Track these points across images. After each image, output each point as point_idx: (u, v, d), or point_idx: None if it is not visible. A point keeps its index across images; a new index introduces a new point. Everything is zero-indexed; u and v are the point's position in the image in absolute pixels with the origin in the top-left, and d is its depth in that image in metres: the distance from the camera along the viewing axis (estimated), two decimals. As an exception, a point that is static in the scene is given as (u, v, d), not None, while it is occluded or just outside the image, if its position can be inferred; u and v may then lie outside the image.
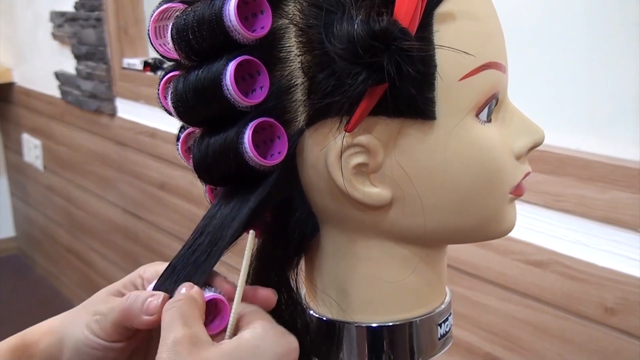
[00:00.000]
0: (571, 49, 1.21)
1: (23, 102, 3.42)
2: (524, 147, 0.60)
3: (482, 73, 0.55)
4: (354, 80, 0.50)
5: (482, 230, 0.60)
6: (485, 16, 0.57)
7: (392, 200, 0.57)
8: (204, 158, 0.57)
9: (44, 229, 3.51)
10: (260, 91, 0.55)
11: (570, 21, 1.21)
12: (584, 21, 1.19)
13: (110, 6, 2.43)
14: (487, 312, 1.34)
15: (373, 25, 0.49)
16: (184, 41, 0.55)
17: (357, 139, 0.54)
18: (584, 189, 1.15)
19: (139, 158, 2.46)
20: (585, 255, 1.18)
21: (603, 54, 1.16)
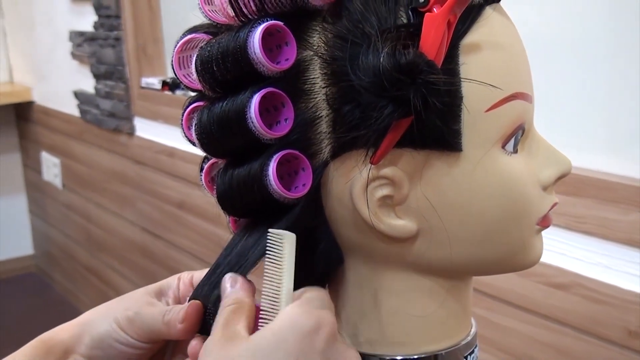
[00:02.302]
0: (592, 68, 1.20)
1: (42, 121, 3.44)
2: (550, 177, 0.59)
3: (509, 104, 0.55)
4: (379, 114, 0.50)
5: (508, 262, 0.60)
6: (511, 46, 0.57)
7: (418, 232, 0.56)
8: (228, 190, 0.56)
9: (63, 247, 3.52)
10: (284, 123, 0.55)
11: (590, 39, 1.20)
12: (604, 39, 1.18)
13: (129, 26, 2.45)
14: (509, 334, 1.33)
15: (399, 58, 0.49)
16: (208, 73, 0.55)
17: (383, 171, 0.54)
18: (606, 210, 1.14)
19: (157, 177, 2.47)
20: (607, 277, 1.17)
21: (624, 73, 1.16)
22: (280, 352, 0.50)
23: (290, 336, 0.51)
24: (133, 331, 0.62)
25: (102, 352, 0.63)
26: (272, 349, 0.51)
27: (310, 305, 0.53)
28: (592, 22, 1.19)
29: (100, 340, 0.62)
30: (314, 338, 0.51)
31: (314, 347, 0.51)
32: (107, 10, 2.54)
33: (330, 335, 0.52)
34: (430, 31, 0.50)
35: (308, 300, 0.54)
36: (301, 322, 0.51)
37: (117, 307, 0.64)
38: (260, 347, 0.51)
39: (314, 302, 0.54)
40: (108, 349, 0.62)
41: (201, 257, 2.29)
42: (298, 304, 0.53)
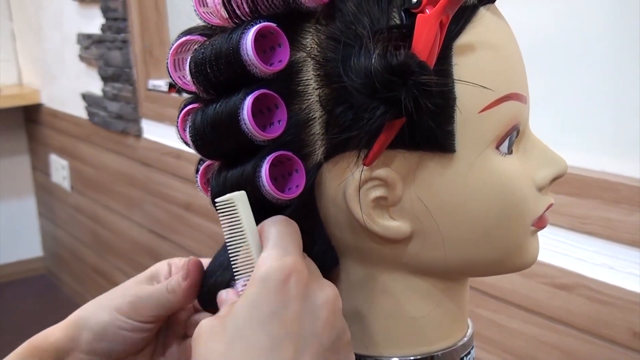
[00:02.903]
0: (596, 68, 1.20)
1: (51, 123, 3.46)
2: (546, 178, 0.59)
3: (503, 105, 0.55)
4: (371, 115, 0.50)
5: (503, 263, 0.59)
6: (505, 47, 0.56)
7: (412, 233, 0.56)
8: (222, 192, 0.56)
9: (71, 248, 3.53)
10: (278, 125, 0.55)
11: (595, 39, 1.20)
12: (609, 39, 1.18)
13: (136, 28, 2.45)
14: (513, 335, 1.32)
15: (390, 59, 0.49)
16: (202, 75, 0.55)
17: (376, 172, 0.54)
18: (610, 211, 1.14)
19: (164, 179, 2.47)
20: (612, 278, 1.17)
21: (629, 73, 1.15)
22: (256, 311, 0.50)
23: (261, 294, 0.51)
24: (137, 314, 0.64)
25: (107, 344, 0.64)
26: (247, 310, 0.50)
27: (275, 254, 0.52)
28: (598, 23, 1.19)
29: (104, 331, 0.64)
30: (286, 288, 0.51)
31: (288, 296, 0.51)
32: (114, 13, 2.54)
33: (300, 279, 0.51)
34: (422, 32, 0.50)
35: (270, 253, 0.53)
36: (269, 276, 0.51)
37: (113, 298, 0.66)
38: (237, 312, 0.51)
39: (276, 252, 0.53)
40: (113, 338, 0.64)
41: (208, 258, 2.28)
42: (264, 258, 0.52)
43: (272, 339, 0.49)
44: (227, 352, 0.49)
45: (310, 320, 0.51)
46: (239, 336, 0.50)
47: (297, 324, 0.50)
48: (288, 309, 0.50)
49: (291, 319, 0.50)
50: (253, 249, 0.55)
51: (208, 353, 0.50)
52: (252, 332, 0.50)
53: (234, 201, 0.54)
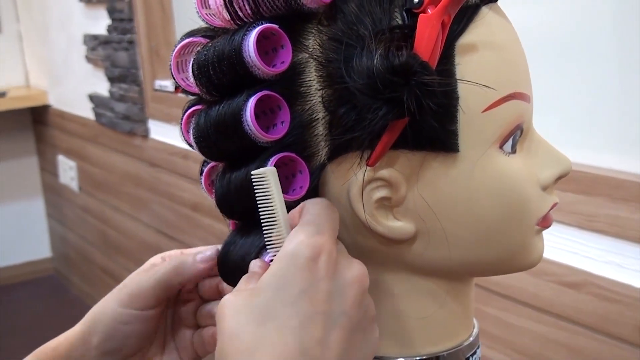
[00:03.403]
0: (603, 66, 1.20)
1: (58, 124, 3.46)
2: (550, 177, 0.59)
3: (506, 104, 0.54)
4: (374, 115, 0.50)
5: (508, 263, 0.59)
6: (508, 46, 0.56)
7: (416, 233, 0.56)
8: (226, 193, 0.56)
9: (80, 249, 3.54)
10: (281, 126, 0.55)
11: (601, 37, 1.19)
12: (615, 37, 1.17)
13: (142, 29, 2.46)
14: (521, 333, 1.32)
15: (392, 59, 0.49)
16: (204, 76, 0.55)
17: (379, 172, 0.54)
18: (618, 209, 1.14)
19: (171, 179, 2.48)
20: (620, 276, 1.16)
21: (635, 71, 1.15)
22: (284, 289, 0.50)
23: (289, 271, 0.50)
24: (138, 301, 0.65)
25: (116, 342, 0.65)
26: (275, 288, 0.50)
27: (306, 232, 0.52)
28: (604, 20, 1.18)
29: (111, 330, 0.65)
30: (315, 266, 0.50)
31: (317, 275, 0.50)
32: (121, 13, 2.55)
33: (329, 257, 0.51)
34: (424, 32, 0.50)
35: (303, 229, 0.52)
36: (298, 253, 0.51)
37: (114, 293, 0.67)
38: (265, 290, 0.50)
39: (309, 229, 0.52)
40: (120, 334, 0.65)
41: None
42: (294, 234, 0.52)
43: (301, 318, 0.49)
44: (258, 331, 0.49)
45: (338, 299, 0.51)
46: (270, 315, 0.49)
47: (326, 303, 0.50)
48: (317, 287, 0.50)
49: (320, 297, 0.50)
50: (282, 223, 0.54)
51: (239, 331, 0.49)
52: (283, 312, 0.49)
53: (267, 175, 0.53)
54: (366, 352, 0.52)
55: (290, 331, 0.49)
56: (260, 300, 0.50)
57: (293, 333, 0.49)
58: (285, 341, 0.48)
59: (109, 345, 0.65)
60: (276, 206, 0.54)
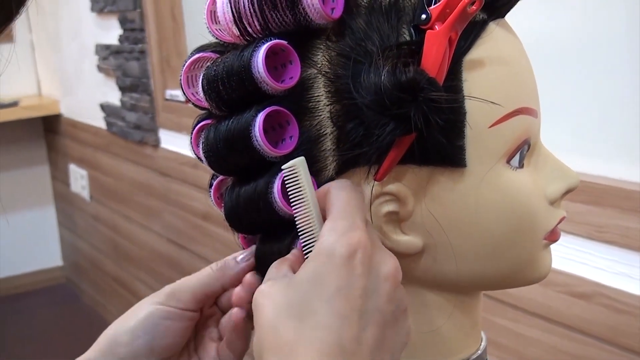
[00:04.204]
0: (613, 76, 1.20)
1: (70, 133, 3.48)
2: (557, 192, 0.59)
3: (513, 119, 0.55)
4: (382, 131, 0.50)
5: (516, 277, 0.59)
6: (515, 61, 0.56)
7: (424, 247, 0.56)
8: (235, 208, 0.57)
9: (91, 258, 3.55)
10: (289, 141, 0.55)
11: (610, 46, 1.19)
12: (625, 46, 1.17)
13: (153, 39, 2.47)
14: (531, 344, 1.32)
15: (399, 76, 0.49)
16: (214, 92, 0.55)
17: (387, 187, 0.54)
18: (628, 220, 1.13)
19: (182, 188, 2.48)
20: (630, 287, 1.16)
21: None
22: (320, 286, 0.50)
23: (326, 268, 0.50)
24: (177, 300, 0.63)
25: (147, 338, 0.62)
26: (312, 284, 0.50)
27: (341, 227, 0.52)
28: (615, 30, 1.18)
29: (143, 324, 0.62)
30: (351, 264, 0.50)
31: (353, 273, 0.50)
32: (132, 23, 2.56)
33: (365, 255, 0.51)
34: (431, 48, 0.50)
35: (337, 225, 0.52)
36: (334, 250, 0.51)
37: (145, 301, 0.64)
38: (301, 285, 0.51)
39: (343, 224, 0.52)
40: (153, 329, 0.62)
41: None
42: (329, 229, 0.52)
43: (338, 315, 0.49)
44: (298, 326, 0.49)
45: (373, 295, 0.51)
46: (308, 312, 0.50)
47: (361, 300, 0.50)
48: (353, 285, 0.50)
49: (356, 295, 0.50)
50: (314, 213, 0.54)
51: (279, 326, 0.50)
52: (320, 308, 0.49)
53: (297, 167, 0.53)
54: (399, 342, 0.53)
55: (328, 328, 0.49)
56: (298, 295, 0.50)
57: (331, 330, 0.49)
58: (323, 338, 0.49)
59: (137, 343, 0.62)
60: (307, 196, 0.54)
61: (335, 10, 0.54)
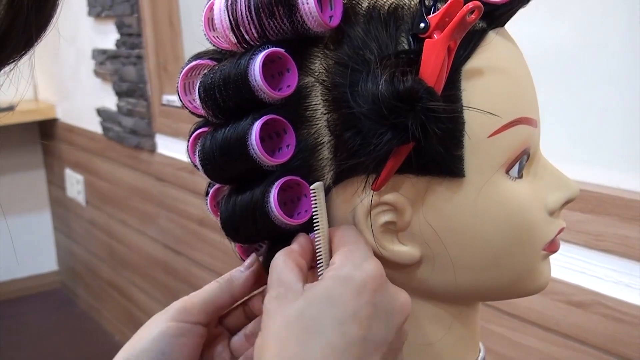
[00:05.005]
0: (611, 84, 1.19)
1: (66, 138, 3.47)
2: (557, 202, 0.58)
3: (512, 129, 0.54)
4: (379, 140, 0.50)
5: (515, 288, 0.59)
6: (515, 71, 0.56)
7: (422, 258, 0.56)
8: (231, 217, 0.56)
9: (86, 263, 3.54)
10: (286, 149, 0.54)
11: (608, 55, 1.19)
12: (623, 55, 1.17)
13: (150, 44, 2.47)
14: (528, 353, 1.31)
15: (397, 85, 0.49)
16: (210, 99, 0.55)
17: (385, 197, 0.53)
18: (626, 228, 1.13)
19: (178, 194, 2.48)
20: (628, 296, 1.15)
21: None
22: (335, 308, 0.50)
23: (342, 292, 0.51)
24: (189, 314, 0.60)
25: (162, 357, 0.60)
26: (326, 305, 0.51)
27: (357, 257, 0.53)
28: (614, 38, 1.18)
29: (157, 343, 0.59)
30: (366, 292, 0.51)
31: (365, 299, 0.51)
32: (129, 28, 2.56)
33: (379, 285, 0.52)
34: (430, 57, 0.50)
35: (353, 251, 0.53)
36: (352, 277, 0.51)
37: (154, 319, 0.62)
38: (315, 304, 0.51)
39: (359, 252, 0.53)
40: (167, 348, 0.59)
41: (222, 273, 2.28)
42: (345, 257, 0.53)
43: (348, 340, 0.50)
44: (305, 344, 0.50)
45: (384, 326, 0.52)
46: (318, 331, 0.50)
47: (371, 328, 0.51)
48: (366, 312, 0.51)
49: (367, 322, 0.51)
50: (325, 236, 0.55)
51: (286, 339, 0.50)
52: (331, 330, 0.50)
53: (317, 190, 0.54)
54: None
55: (334, 350, 0.49)
56: (310, 312, 0.51)
57: (335, 352, 0.49)
58: (326, 358, 0.49)
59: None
60: (323, 219, 0.55)
61: (333, 18, 0.53)
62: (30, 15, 0.41)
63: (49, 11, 0.43)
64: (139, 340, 0.60)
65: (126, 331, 3.11)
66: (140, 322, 3.10)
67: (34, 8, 0.41)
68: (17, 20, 0.41)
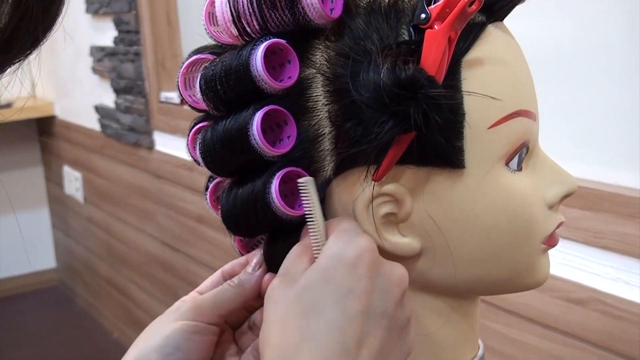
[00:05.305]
0: (610, 81, 1.19)
1: (64, 135, 3.47)
2: (556, 196, 0.58)
3: (512, 121, 0.55)
4: (380, 129, 0.50)
5: (513, 282, 0.59)
6: (514, 64, 0.56)
7: (421, 250, 0.56)
8: (232, 209, 0.56)
9: (84, 260, 3.53)
10: (287, 141, 0.54)
11: (608, 52, 1.19)
12: (623, 52, 1.17)
13: (148, 41, 2.46)
14: (527, 350, 1.31)
15: (399, 73, 0.49)
16: (212, 91, 0.55)
17: (385, 188, 0.54)
18: (625, 225, 1.13)
19: (176, 191, 2.48)
20: (626, 293, 1.15)
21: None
22: (331, 286, 0.51)
23: (336, 270, 0.51)
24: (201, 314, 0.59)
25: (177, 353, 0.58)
26: (322, 285, 0.51)
27: (348, 235, 0.53)
28: (613, 35, 1.18)
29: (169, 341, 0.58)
30: (360, 266, 0.51)
31: (360, 274, 0.51)
32: (127, 25, 2.56)
33: (372, 259, 0.52)
34: (431, 47, 0.50)
35: (345, 231, 0.54)
36: (344, 253, 0.52)
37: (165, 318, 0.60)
38: (311, 285, 0.52)
39: (350, 231, 0.54)
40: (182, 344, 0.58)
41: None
42: (336, 237, 0.53)
43: (346, 315, 0.50)
44: (305, 325, 0.50)
45: (382, 298, 0.52)
46: (316, 310, 0.51)
47: (370, 301, 0.51)
48: (362, 286, 0.51)
49: (365, 296, 0.51)
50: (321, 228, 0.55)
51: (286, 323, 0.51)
52: (329, 308, 0.50)
53: (307, 183, 0.54)
54: (402, 351, 0.53)
55: (335, 328, 0.50)
56: (308, 296, 0.51)
57: (337, 330, 0.50)
58: (329, 337, 0.49)
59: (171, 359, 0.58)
60: (316, 210, 0.55)
61: (334, 10, 0.54)
62: (36, 15, 0.41)
63: (55, 10, 0.43)
64: (150, 338, 0.59)
65: (124, 329, 3.12)
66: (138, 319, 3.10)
67: (40, 8, 0.41)
68: (24, 21, 0.41)
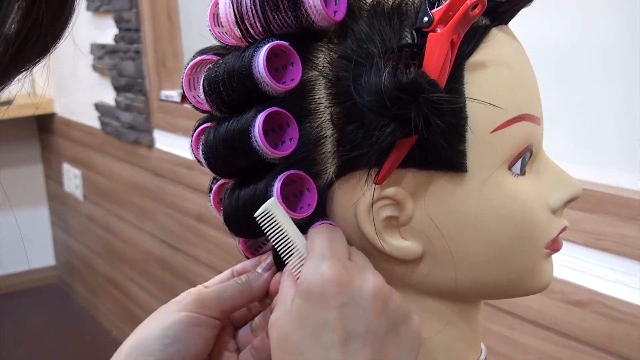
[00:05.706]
0: (611, 83, 1.19)
1: (64, 133, 3.47)
2: (559, 201, 0.58)
3: (515, 125, 0.54)
4: (381, 132, 0.50)
5: (516, 286, 0.59)
6: (518, 68, 0.56)
7: (423, 253, 0.56)
8: (234, 211, 0.56)
9: (84, 258, 3.53)
10: (289, 143, 0.54)
11: (609, 54, 1.19)
12: (624, 54, 1.17)
13: (149, 39, 2.46)
14: (527, 351, 1.31)
15: (400, 77, 0.49)
16: (214, 93, 0.55)
17: (386, 191, 0.53)
18: (625, 227, 1.13)
19: (176, 189, 2.47)
20: (627, 295, 1.15)
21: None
22: (305, 325, 0.52)
23: (307, 307, 0.52)
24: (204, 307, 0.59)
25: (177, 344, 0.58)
26: (297, 327, 0.52)
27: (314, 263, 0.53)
28: (613, 36, 1.18)
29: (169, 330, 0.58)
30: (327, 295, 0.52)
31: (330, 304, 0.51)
32: (128, 23, 2.55)
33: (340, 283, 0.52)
34: (433, 51, 0.50)
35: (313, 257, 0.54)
36: (311, 288, 0.52)
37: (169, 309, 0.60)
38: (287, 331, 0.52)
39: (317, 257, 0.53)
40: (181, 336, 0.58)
41: (220, 269, 2.27)
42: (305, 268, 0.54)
43: (328, 349, 0.51)
44: None
45: (360, 316, 0.51)
46: (297, 353, 0.51)
47: (347, 326, 0.51)
48: (335, 314, 0.51)
49: (340, 323, 0.51)
50: (301, 247, 0.55)
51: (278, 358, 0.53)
52: (306, 348, 0.51)
53: (270, 209, 0.54)
54: (408, 346, 0.53)
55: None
56: (291, 336, 0.52)
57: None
58: None
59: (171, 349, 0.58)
60: (290, 234, 0.55)
61: (337, 12, 0.53)
62: (46, 25, 0.41)
63: (65, 19, 0.43)
64: (151, 327, 0.59)
65: (123, 327, 3.11)
66: (137, 317, 3.10)
67: (50, 18, 0.41)
68: (33, 31, 0.41)
